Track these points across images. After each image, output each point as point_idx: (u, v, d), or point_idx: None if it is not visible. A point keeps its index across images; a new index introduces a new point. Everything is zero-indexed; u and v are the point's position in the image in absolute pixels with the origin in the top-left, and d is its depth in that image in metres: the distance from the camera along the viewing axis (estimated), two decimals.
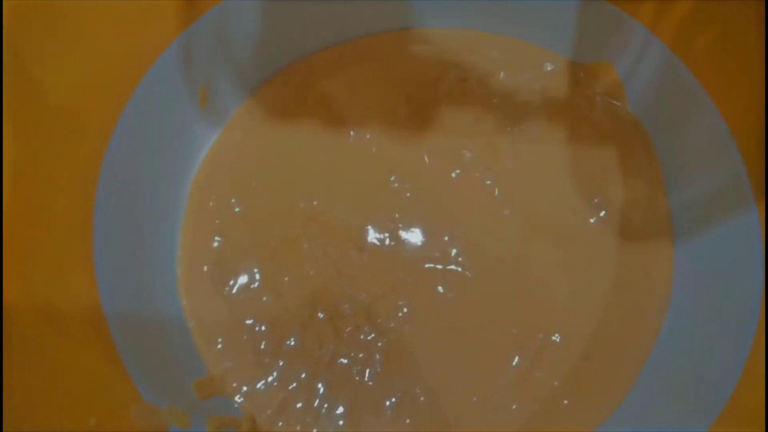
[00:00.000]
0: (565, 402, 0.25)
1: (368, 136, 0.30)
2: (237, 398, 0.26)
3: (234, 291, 0.27)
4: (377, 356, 0.26)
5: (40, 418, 0.18)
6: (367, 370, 0.26)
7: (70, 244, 0.23)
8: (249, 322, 0.27)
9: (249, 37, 0.29)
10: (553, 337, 0.26)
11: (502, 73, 0.30)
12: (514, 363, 0.26)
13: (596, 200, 0.28)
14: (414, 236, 0.28)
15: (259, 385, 0.26)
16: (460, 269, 0.27)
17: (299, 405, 0.26)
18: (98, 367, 0.21)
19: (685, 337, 0.25)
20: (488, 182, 0.29)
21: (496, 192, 0.28)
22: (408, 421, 0.25)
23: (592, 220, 0.28)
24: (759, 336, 0.22)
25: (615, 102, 0.29)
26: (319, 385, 0.26)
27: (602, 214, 0.28)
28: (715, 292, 0.25)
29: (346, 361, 0.26)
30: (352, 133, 0.30)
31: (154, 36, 0.26)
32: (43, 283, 0.21)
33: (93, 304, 0.23)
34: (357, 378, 0.26)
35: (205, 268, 0.28)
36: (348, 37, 0.31)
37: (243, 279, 0.28)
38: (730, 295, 0.24)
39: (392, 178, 0.29)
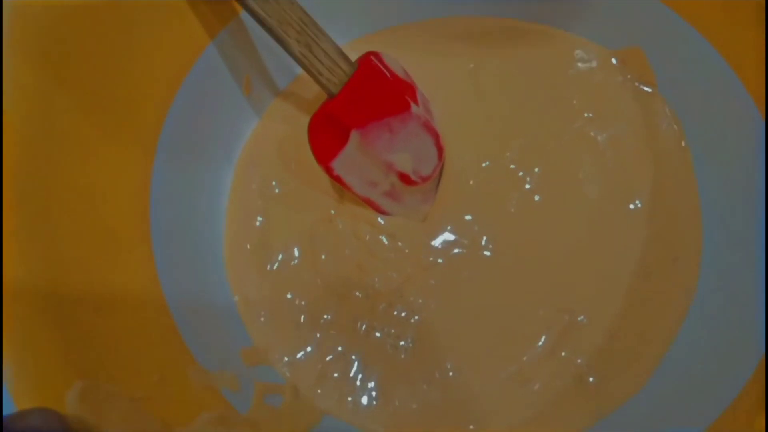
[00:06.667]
0: (591, 380, 0.26)
1: None
2: (280, 367, 0.27)
3: (275, 267, 0.29)
4: (410, 332, 0.27)
5: (112, 373, 0.20)
6: (400, 344, 0.27)
7: (131, 224, 0.25)
8: (289, 296, 0.29)
9: None
10: (579, 318, 0.27)
11: (536, 61, 0.31)
12: (540, 342, 0.27)
13: (627, 185, 0.28)
14: (444, 222, 0.29)
15: (299, 356, 0.28)
16: (488, 254, 0.28)
17: (336, 375, 0.27)
18: (158, 334, 0.24)
19: (712, 322, 0.25)
20: (521, 174, 0.29)
21: (528, 180, 0.29)
22: (438, 394, 0.26)
23: (621, 205, 0.28)
24: None
25: (646, 87, 0.29)
26: (354, 358, 0.27)
27: (632, 198, 0.28)
28: (744, 280, 0.25)
29: (379, 335, 0.28)
30: None
31: (203, 26, 0.27)
32: (110, 261, 0.23)
33: (152, 281, 0.25)
34: (390, 352, 0.27)
35: (248, 246, 0.30)
36: (385, 25, 0.32)
37: (283, 256, 0.29)
38: (759, 282, 0.24)
39: None
